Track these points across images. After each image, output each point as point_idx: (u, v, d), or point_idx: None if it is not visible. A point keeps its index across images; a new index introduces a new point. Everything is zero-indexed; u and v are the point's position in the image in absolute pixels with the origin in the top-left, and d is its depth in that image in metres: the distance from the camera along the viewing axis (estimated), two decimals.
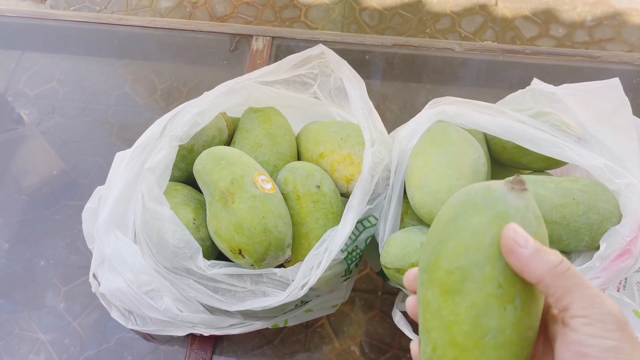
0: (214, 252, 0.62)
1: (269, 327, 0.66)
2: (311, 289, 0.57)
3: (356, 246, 0.60)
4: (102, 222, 0.62)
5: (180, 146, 0.61)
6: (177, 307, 0.62)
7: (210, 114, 0.61)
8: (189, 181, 0.66)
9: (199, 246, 0.56)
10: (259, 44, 0.92)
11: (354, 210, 0.57)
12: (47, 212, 0.81)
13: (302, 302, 0.63)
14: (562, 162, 0.64)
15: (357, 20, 1.17)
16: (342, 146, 0.64)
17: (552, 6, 1.20)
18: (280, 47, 0.94)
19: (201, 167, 0.60)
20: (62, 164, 0.86)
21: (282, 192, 0.62)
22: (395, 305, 0.65)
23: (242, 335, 0.71)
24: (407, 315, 0.63)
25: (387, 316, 0.73)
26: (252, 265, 0.57)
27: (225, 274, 0.56)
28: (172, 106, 0.91)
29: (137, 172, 0.63)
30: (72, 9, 1.24)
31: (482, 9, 1.18)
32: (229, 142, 0.70)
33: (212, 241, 0.60)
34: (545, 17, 1.19)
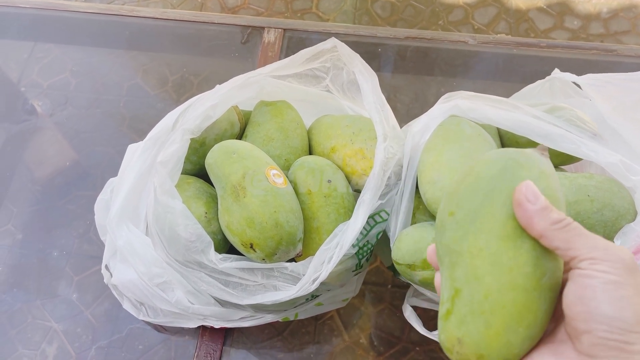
0: (225, 246, 0.62)
1: (280, 320, 0.67)
2: (322, 284, 0.57)
3: (367, 241, 0.60)
4: (115, 214, 0.63)
5: (192, 139, 0.61)
6: (188, 299, 0.62)
7: (222, 108, 0.61)
8: (201, 174, 0.66)
9: (210, 240, 0.56)
10: (270, 36, 0.91)
11: (365, 205, 0.56)
12: (59, 202, 0.82)
13: (313, 296, 0.63)
14: (576, 158, 0.64)
15: (369, 11, 1.16)
16: (354, 140, 0.64)
17: None
18: (292, 39, 0.93)
19: (213, 160, 0.60)
20: (75, 155, 0.86)
21: (294, 186, 0.62)
22: (405, 299, 0.65)
23: (253, 327, 0.71)
24: (417, 309, 0.63)
25: (397, 309, 0.73)
26: (264, 259, 0.57)
27: (236, 268, 0.56)
28: (183, 97, 0.91)
29: (149, 165, 0.63)
30: (83, 0, 1.24)
31: (495, 0, 1.16)
32: (240, 136, 0.70)
33: (223, 235, 0.60)
34: (560, 9, 1.17)
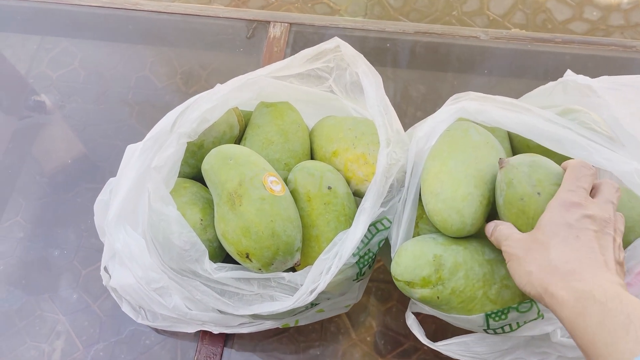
0: (222, 254, 0.60)
1: (280, 326, 0.65)
2: (321, 292, 0.56)
3: (369, 249, 0.58)
4: (113, 217, 0.61)
5: (190, 142, 0.59)
6: (186, 305, 0.61)
7: (220, 110, 0.59)
8: (199, 177, 0.64)
9: (205, 249, 0.54)
10: (276, 31, 0.89)
11: (366, 213, 0.54)
12: (67, 195, 0.82)
13: (312, 304, 0.62)
14: None
15: (380, 2, 1.13)
16: (356, 145, 0.62)
17: None
18: (298, 33, 0.91)
19: (209, 166, 0.58)
20: (83, 147, 0.86)
21: (293, 192, 0.60)
22: (408, 307, 0.64)
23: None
24: (419, 316, 0.62)
25: (405, 307, 0.72)
26: (260, 269, 0.55)
27: (232, 278, 0.55)
28: (192, 90, 0.90)
29: (147, 167, 0.62)
30: None
31: None
32: (240, 138, 0.68)
33: (219, 242, 0.59)
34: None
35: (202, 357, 0.69)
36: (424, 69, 0.89)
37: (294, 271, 0.59)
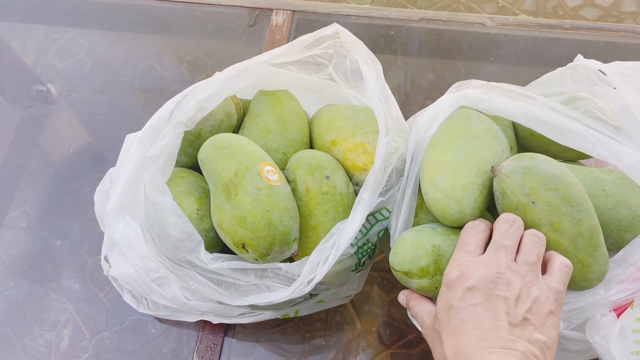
0: (218, 244, 0.60)
1: (279, 317, 0.65)
2: (320, 283, 0.55)
3: (367, 240, 0.57)
4: (112, 206, 0.61)
5: (187, 131, 0.59)
6: (184, 295, 0.61)
7: (217, 99, 0.59)
8: (197, 167, 0.64)
9: (201, 239, 0.54)
10: (278, 19, 0.88)
11: (364, 203, 0.54)
12: (75, 184, 0.82)
13: (311, 295, 0.61)
14: None
15: None
16: (355, 133, 0.61)
17: None
18: (300, 21, 0.90)
19: (205, 155, 0.58)
20: (89, 137, 0.86)
21: (290, 182, 0.59)
22: None
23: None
24: None
25: None
26: (256, 259, 0.55)
27: (228, 268, 0.54)
28: (198, 79, 0.89)
29: (146, 156, 0.62)
30: None
31: None
32: (238, 127, 0.67)
33: (216, 232, 0.58)
34: None
35: (203, 347, 0.69)
36: (433, 57, 0.88)
37: (292, 261, 0.58)
